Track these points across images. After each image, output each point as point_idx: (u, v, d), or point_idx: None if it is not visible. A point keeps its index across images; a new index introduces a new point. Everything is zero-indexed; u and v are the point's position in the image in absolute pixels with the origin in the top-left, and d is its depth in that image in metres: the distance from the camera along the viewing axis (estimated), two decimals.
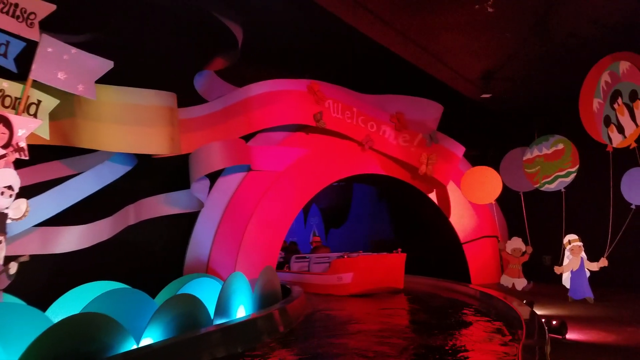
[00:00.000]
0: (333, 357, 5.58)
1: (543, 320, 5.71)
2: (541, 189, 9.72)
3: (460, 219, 11.83)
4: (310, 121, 10.00)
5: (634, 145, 6.56)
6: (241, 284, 6.96)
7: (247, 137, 9.82)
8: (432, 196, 11.82)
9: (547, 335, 4.84)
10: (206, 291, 6.95)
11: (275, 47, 10.39)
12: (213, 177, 9.51)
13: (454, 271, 11.93)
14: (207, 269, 9.20)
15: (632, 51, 7.03)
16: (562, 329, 5.47)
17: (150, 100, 7.80)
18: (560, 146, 9.37)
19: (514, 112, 11.49)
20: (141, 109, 7.69)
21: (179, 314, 5.28)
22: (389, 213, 15.05)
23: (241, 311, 7.02)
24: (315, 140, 10.55)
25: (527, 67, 9.26)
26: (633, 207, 7.86)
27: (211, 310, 6.31)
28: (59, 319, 4.31)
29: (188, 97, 9.71)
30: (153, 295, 6.94)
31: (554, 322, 5.54)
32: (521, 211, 10.23)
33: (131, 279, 6.81)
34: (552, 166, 9.47)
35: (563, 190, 9.29)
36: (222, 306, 6.44)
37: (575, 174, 9.10)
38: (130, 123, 7.62)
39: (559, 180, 9.35)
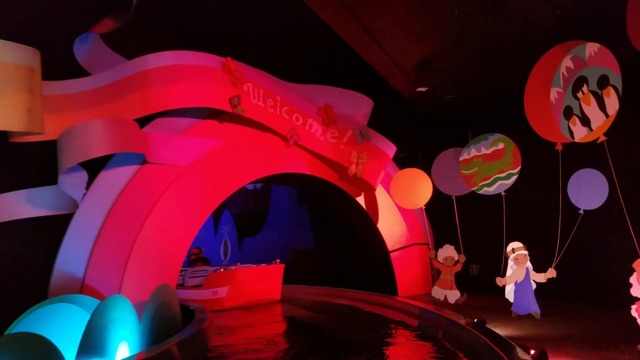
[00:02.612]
0: None
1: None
2: (479, 192, 8.93)
3: (389, 226, 10.84)
4: (225, 106, 8.26)
5: (602, 138, 5.82)
6: (122, 311, 5.05)
7: (142, 123, 7.87)
8: (360, 200, 10.66)
9: None
10: (72, 322, 4.98)
11: (181, 16, 8.59)
12: (94, 170, 7.45)
13: (381, 282, 10.98)
14: (82, 289, 7.08)
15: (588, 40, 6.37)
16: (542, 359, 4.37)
17: None
18: (501, 145, 8.65)
19: (447, 110, 10.73)
20: None
21: None
22: (311, 219, 13.74)
23: (123, 350, 5.11)
24: (231, 130, 8.83)
25: (469, 57, 8.42)
26: (581, 212, 7.21)
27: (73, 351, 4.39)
28: None
29: (64, 67, 7.68)
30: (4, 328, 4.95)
31: (532, 352, 4.43)
32: (453, 216, 9.43)
33: None
34: (491, 167, 8.71)
35: (503, 193, 8.54)
36: (91, 345, 4.51)
37: (516, 176, 8.39)
38: None
39: (498, 183, 8.60)
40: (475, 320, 6.22)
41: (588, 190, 7.07)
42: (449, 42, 8.00)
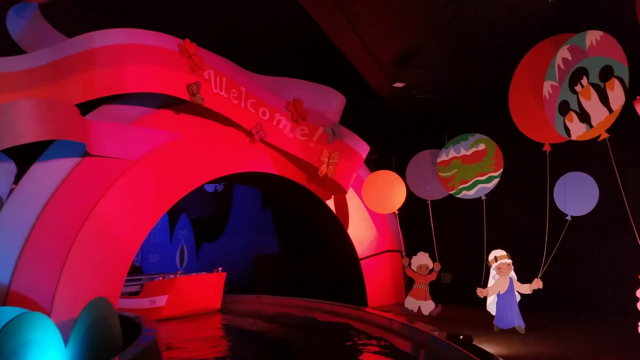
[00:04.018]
0: None
1: None
2: (457, 195, 8.37)
3: (359, 231, 10.16)
4: (182, 93, 7.34)
5: (604, 136, 5.31)
6: (40, 333, 4.05)
7: (86, 110, 6.87)
8: (330, 203, 9.92)
9: None
10: None
11: None
12: (25, 161, 6.40)
13: (350, 292, 10.32)
14: (6, 299, 6.04)
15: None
16: None
17: None
18: (482, 146, 8.11)
19: (423, 110, 10.19)
20: None
21: None
22: (275, 224, 12.93)
23: None
24: (188, 122, 7.92)
25: (450, 51, 7.90)
26: (569, 218, 6.73)
27: None
28: None
29: None
30: None
31: None
32: (428, 222, 8.84)
33: None
34: (471, 170, 8.16)
35: (484, 197, 8.01)
36: None
37: (498, 179, 7.86)
38: None
39: (479, 186, 8.05)
40: (462, 336, 5.57)
41: (576, 195, 6.60)
42: (431, 32, 7.43)
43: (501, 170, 7.84)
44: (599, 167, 6.33)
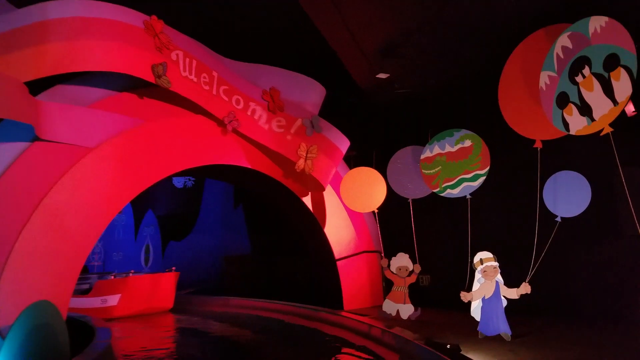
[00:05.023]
0: None
1: None
2: (441, 194, 7.95)
3: (337, 230, 9.66)
4: (147, 74, 6.66)
5: (608, 130, 4.93)
6: None
7: (37, 90, 6.14)
8: (307, 200, 9.38)
9: None
10: None
11: None
12: None
13: (326, 294, 9.83)
14: None
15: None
16: None
17: None
18: (468, 143, 7.71)
19: (406, 105, 9.77)
20: None
21: None
22: (248, 222, 12.30)
23: None
24: (153, 107, 7.26)
25: (436, 41, 7.50)
26: (558, 219, 6.39)
27: None
28: None
29: None
30: None
31: None
32: (408, 222, 8.40)
33: None
34: (456, 167, 7.75)
35: (469, 197, 7.61)
36: None
37: (485, 178, 7.48)
38: None
39: (464, 185, 7.64)
40: (449, 345, 5.12)
41: (567, 196, 6.26)
42: (419, 20, 7.00)
43: (488, 168, 7.44)
44: (592, 165, 6.00)
